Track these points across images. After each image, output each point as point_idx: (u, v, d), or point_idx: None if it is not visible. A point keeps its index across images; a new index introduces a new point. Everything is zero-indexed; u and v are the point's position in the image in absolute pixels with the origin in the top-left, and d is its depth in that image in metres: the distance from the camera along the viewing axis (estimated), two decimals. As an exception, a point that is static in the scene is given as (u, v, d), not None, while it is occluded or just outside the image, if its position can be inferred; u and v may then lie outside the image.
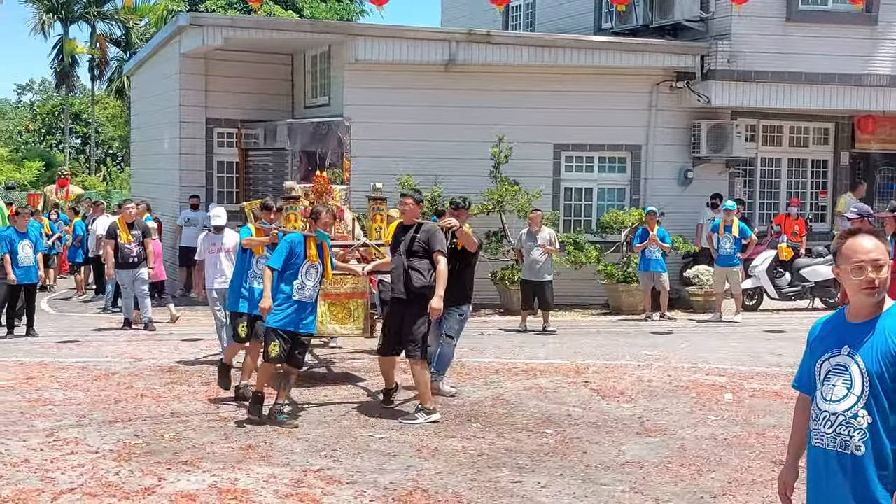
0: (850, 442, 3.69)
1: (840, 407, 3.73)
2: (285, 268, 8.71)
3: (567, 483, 6.97)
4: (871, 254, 3.73)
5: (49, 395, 9.71)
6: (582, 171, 18.29)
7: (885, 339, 3.67)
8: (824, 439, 3.77)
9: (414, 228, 9.14)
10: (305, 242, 8.88)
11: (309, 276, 8.80)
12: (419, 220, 9.30)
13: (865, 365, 3.69)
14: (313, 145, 17.57)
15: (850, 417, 3.69)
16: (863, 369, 3.69)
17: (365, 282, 10.77)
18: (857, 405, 3.69)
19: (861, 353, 3.71)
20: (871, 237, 3.78)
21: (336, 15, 36.24)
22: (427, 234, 9.10)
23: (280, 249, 8.82)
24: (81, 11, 44.66)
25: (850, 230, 3.87)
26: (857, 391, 3.69)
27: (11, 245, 13.76)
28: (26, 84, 64.24)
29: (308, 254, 8.82)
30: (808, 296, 17.11)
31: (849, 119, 19.90)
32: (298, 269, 8.76)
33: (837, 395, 3.74)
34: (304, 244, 8.85)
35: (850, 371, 3.72)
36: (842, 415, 3.72)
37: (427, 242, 9.03)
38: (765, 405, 9.49)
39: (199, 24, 17.84)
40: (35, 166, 41.47)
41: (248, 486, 6.78)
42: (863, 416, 3.67)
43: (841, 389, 3.74)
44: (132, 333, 14.25)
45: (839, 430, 3.72)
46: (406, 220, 9.27)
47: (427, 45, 17.29)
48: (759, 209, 19.80)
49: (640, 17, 18.91)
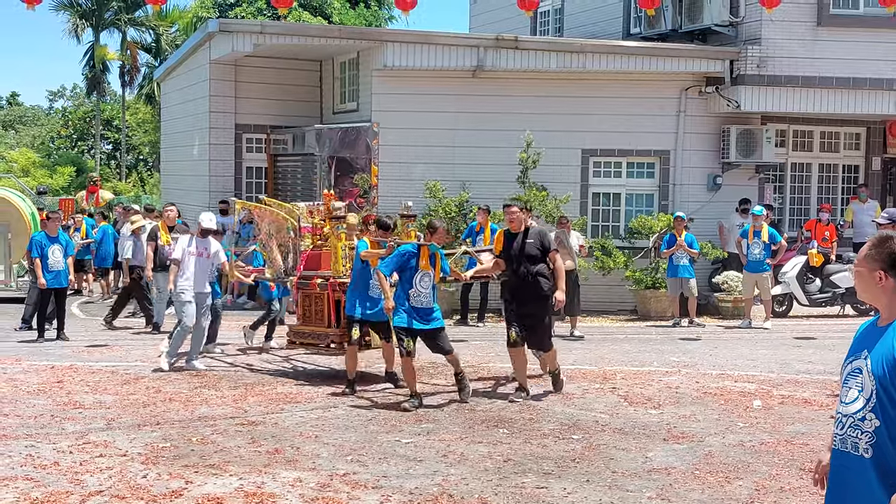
0: (858, 444, 3.69)
1: (851, 409, 3.74)
2: (400, 276, 9.43)
3: (593, 489, 6.94)
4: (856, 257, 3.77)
5: (79, 398, 9.80)
6: (610, 176, 18.24)
7: (891, 343, 3.66)
8: (838, 440, 3.80)
9: (523, 234, 9.79)
10: (419, 252, 9.48)
11: (423, 283, 9.45)
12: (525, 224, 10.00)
13: (872, 368, 3.68)
14: (342, 151, 17.67)
15: (859, 420, 3.70)
16: (870, 372, 3.69)
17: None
18: (865, 408, 3.68)
19: (871, 356, 3.71)
20: (868, 241, 3.78)
21: (364, 21, 36.29)
22: (539, 236, 9.83)
23: (392, 257, 9.52)
24: (112, 18, 45.07)
25: (880, 236, 3.84)
26: (866, 394, 3.69)
27: (42, 249, 13.90)
28: (58, 90, 65.01)
29: (420, 263, 9.43)
30: (839, 302, 16.95)
31: (880, 124, 19.72)
32: (412, 277, 9.42)
33: (850, 398, 3.76)
34: (417, 254, 9.46)
35: (863, 374, 3.73)
36: (852, 417, 3.73)
37: (542, 244, 9.76)
38: (794, 412, 9.41)
39: (229, 30, 17.99)
40: (67, 172, 41.88)
41: (275, 490, 6.80)
42: (870, 420, 3.66)
43: (854, 392, 3.75)
44: (161, 337, 14.31)
45: (849, 433, 3.73)
46: (515, 227, 9.83)
47: (455, 51, 17.32)
48: (789, 215, 19.64)
49: (669, 22, 18.84)
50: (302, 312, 11.44)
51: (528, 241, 9.75)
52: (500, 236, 10.04)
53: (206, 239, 11.95)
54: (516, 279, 9.79)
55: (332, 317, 11.02)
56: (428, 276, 9.47)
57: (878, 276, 3.73)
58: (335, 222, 11.21)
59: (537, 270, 9.70)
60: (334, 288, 10.96)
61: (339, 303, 10.88)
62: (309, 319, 11.37)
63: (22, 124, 60.17)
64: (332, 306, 11.01)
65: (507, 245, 9.86)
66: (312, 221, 11.86)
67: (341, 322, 10.83)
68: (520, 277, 9.72)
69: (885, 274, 3.72)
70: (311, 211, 11.98)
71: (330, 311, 11.04)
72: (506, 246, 9.87)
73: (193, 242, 11.87)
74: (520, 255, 9.73)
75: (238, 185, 19.68)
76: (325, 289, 11.05)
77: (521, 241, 9.75)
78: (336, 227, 11.18)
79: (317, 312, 11.24)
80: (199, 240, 11.91)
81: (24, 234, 18.41)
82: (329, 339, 11.04)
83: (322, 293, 11.13)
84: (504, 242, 9.91)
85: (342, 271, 10.96)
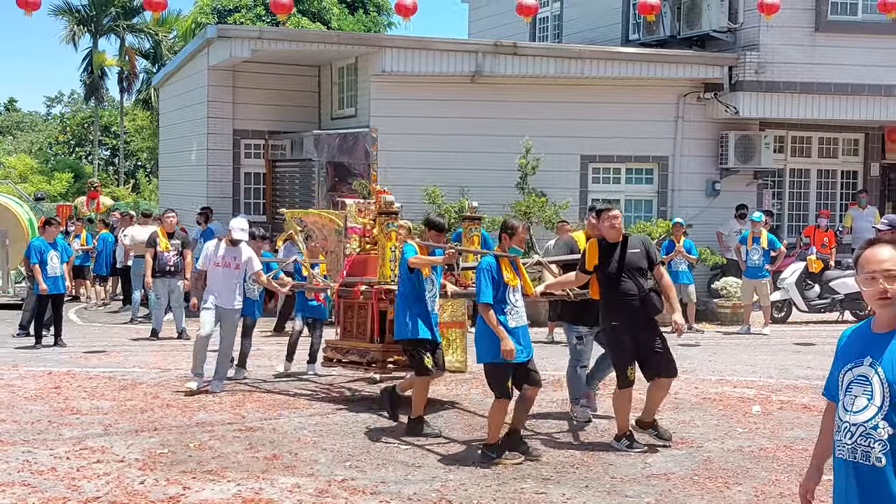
0: (870, 453, 3.62)
1: (860, 418, 3.66)
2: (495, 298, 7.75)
3: (592, 495, 6.92)
4: (884, 264, 3.64)
5: (76, 404, 9.76)
6: (609, 182, 18.25)
7: None
8: (845, 450, 3.71)
9: (622, 244, 8.26)
10: (498, 265, 7.86)
11: (516, 298, 7.86)
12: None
13: (886, 375, 3.62)
14: (340, 156, 17.66)
15: (871, 429, 3.63)
16: (883, 380, 3.62)
17: (463, 309, 10.14)
18: (877, 416, 3.62)
19: (882, 363, 3.64)
20: (888, 247, 3.67)
21: (363, 27, 36.37)
22: (644, 245, 8.34)
23: (483, 278, 7.75)
24: (111, 24, 45.08)
25: (871, 240, 3.80)
26: (878, 402, 3.62)
27: (42, 255, 13.88)
28: (56, 96, 65.11)
29: (505, 276, 7.81)
30: (838, 308, 16.94)
31: (879, 130, 19.74)
32: (506, 294, 7.80)
33: (858, 406, 3.68)
34: (498, 267, 7.84)
35: (872, 382, 3.66)
36: (862, 426, 3.65)
37: (648, 255, 8.30)
38: (793, 418, 9.38)
39: (228, 36, 17.98)
40: (64, 178, 41.91)
41: (273, 496, 6.77)
42: (883, 428, 3.60)
43: (861, 400, 3.68)
44: (159, 344, 14.32)
45: (859, 442, 3.65)
46: (614, 236, 8.28)
47: (454, 57, 17.32)
48: (788, 221, 19.66)
49: (667, 28, 18.85)
50: (342, 325, 10.15)
51: (632, 251, 8.21)
52: (594, 248, 8.33)
53: (236, 247, 10.59)
54: (619, 299, 8.16)
55: (376, 330, 9.63)
56: (518, 290, 7.88)
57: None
58: (385, 218, 9.55)
59: (648, 286, 8.25)
60: (379, 296, 9.52)
61: (385, 314, 9.53)
62: (350, 333, 10.02)
63: (20, 130, 60.22)
64: (375, 318, 9.61)
65: (605, 258, 8.22)
66: (362, 222, 10.38)
67: (385, 336, 9.52)
68: (627, 297, 8.13)
69: None
70: (361, 210, 10.47)
71: (373, 323, 9.66)
72: (603, 259, 8.23)
73: (221, 250, 10.56)
74: (622, 268, 8.16)
75: (236, 191, 19.67)
76: (370, 297, 9.64)
77: (622, 252, 8.19)
78: (386, 225, 9.51)
79: (359, 325, 9.91)
80: (227, 248, 10.58)
81: (22, 240, 18.39)
82: (371, 356, 9.63)
83: (365, 303, 9.76)
84: (600, 255, 8.25)
85: (390, 276, 9.43)
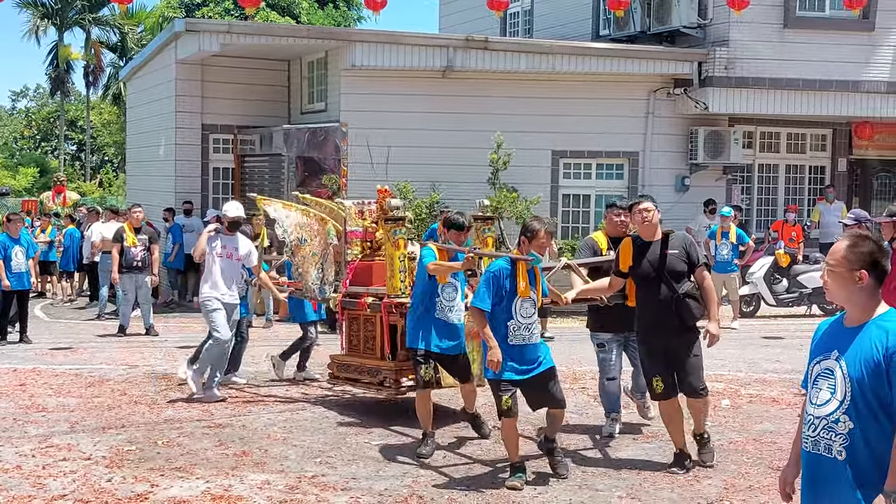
0: (832, 446, 3.68)
1: (823, 411, 3.72)
2: (494, 307, 6.91)
3: (563, 489, 6.91)
4: (828, 258, 3.82)
5: (42, 401, 9.64)
6: (580, 177, 18.28)
7: (869, 345, 3.65)
8: (809, 442, 3.78)
9: (661, 243, 7.31)
10: (515, 270, 6.97)
11: (526, 312, 6.92)
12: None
13: (848, 370, 3.67)
14: (310, 151, 17.57)
15: (833, 422, 3.68)
16: (845, 374, 3.67)
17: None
18: (838, 410, 3.67)
19: (846, 357, 3.69)
20: (843, 242, 3.79)
21: (333, 21, 36.23)
22: (685, 244, 7.37)
23: (486, 283, 6.92)
24: (76, 17, 44.63)
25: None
26: (840, 396, 3.68)
27: (5, 251, 13.70)
28: (21, 90, 64.40)
29: (519, 285, 6.90)
30: (806, 302, 17.06)
31: (846, 125, 19.90)
32: (511, 306, 6.89)
33: (822, 399, 3.74)
34: (513, 274, 6.95)
35: (835, 375, 3.71)
36: (825, 419, 3.71)
37: (688, 256, 7.30)
38: (762, 411, 9.43)
39: (196, 30, 17.83)
40: (30, 173, 41.48)
41: (242, 493, 6.71)
42: (844, 422, 3.65)
43: (825, 394, 3.73)
44: (126, 340, 14.19)
45: (822, 434, 3.72)
46: (649, 233, 7.36)
47: (425, 52, 17.27)
48: (757, 215, 19.77)
49: (637, 24, 18.89)
50: (347, 339, 9.45)
51: (671, 251, 7.23)
52: (627, 247, 7.40)
53: (234, 236, 10.02)
54: (653, 304, 7.27)
55: (387, 346, 8.89)
56: (531, 303, 6.95)
57: (858, 276, 3.70)
58: (391, 225, 8.71)
59: (685, 291, 7.23)
60: (389, 309, 8.74)
61: (396, 328, 8.79)
62: (356, 349, 9.32)
63: (-16, 125, 59.54)
64: (385, 333, 8.86)
65: (639, 258, 7.29)
66: (363, 224, 9.68)
67: (397, 353, 8.83)
68: (660, 302, 7.20)
69: (867, 274, 3.70)
70: (362, 211, 9.74)
71: (384, 339, 8.92)
72: (637, 259, 7.31)
73: (219, 241, 9.93)
74: (659, 271, 7.22)
75: (205, 186, 19.51)
76: (378, 310, 8.88)
77: (660, 253, 7.23)
78: (392, 232, 8.69)
79: (366, 340, 9.18)
80: (225, 237, 9.98)
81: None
82: (382, 375, 8.90)
83: (373, 316, 9.02)
84: (634, 255, 7.33)
85: (400, 288, 8.68)
